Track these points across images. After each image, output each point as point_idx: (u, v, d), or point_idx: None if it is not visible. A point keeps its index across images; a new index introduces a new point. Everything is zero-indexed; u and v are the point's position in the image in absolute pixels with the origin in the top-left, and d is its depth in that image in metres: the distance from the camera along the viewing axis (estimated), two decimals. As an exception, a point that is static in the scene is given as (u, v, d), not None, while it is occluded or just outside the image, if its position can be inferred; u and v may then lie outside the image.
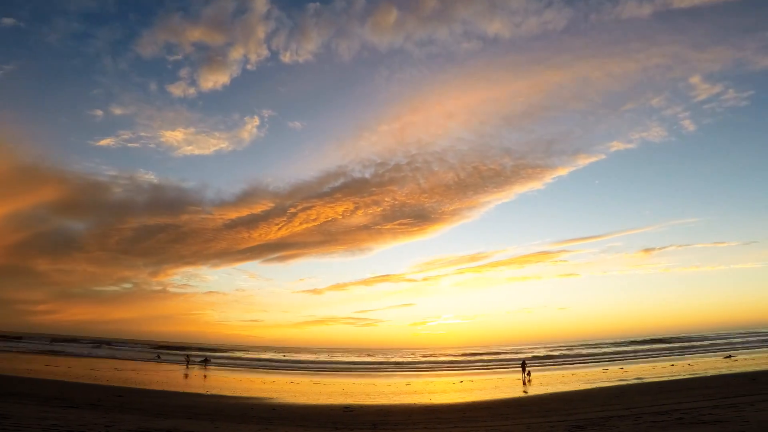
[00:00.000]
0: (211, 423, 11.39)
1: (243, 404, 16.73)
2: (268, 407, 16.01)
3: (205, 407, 15.04)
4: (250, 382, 28.46)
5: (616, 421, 9.54)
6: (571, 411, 11.96)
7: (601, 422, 9.57)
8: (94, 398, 15.11)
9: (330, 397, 20.08)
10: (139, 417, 11.64)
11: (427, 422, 11.76)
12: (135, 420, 10.91)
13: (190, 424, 10.90)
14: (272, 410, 15.13)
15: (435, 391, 22.34)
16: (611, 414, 10.66)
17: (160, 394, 19.10)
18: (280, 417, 13.41)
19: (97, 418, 10.67)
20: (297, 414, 14.21)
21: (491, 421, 11.43)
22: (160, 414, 12.58)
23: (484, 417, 12.28)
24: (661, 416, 9.51)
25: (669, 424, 8.53)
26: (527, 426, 10.03)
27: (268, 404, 17.07)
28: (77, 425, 8.93)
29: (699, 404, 10.79)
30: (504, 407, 14.44)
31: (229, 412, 13.97)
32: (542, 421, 10.62)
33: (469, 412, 13.77)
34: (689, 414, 9.37)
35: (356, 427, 11.38)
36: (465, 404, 16.17)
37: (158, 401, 16.29)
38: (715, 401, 11.08)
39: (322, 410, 15.30)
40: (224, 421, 11.82)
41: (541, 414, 12.06)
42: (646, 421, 9.17)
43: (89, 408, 12.76)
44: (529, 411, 13.03)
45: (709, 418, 8.64)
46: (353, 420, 12.72)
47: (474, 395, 19.67)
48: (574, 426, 9.28)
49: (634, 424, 9.01)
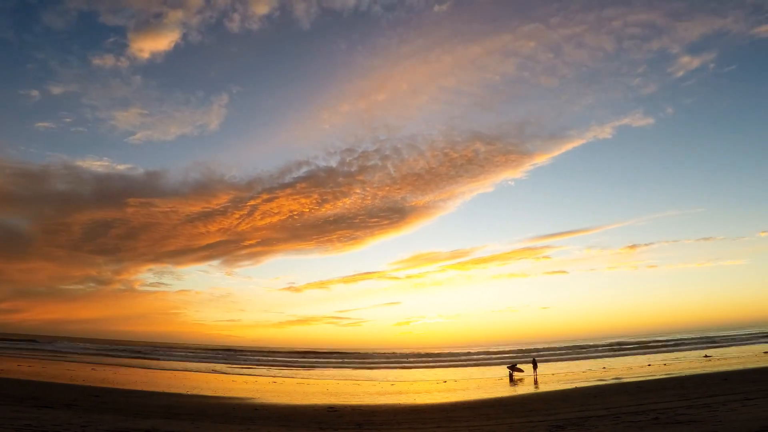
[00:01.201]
0: (192, 423, 11.22)
1: (225, 404, 16.51)
2: (251, 407, 15.84)
3: (186, 407, 14.80)
4: (232, 382, 28.11)
5: (595, 421, 9.74)
6: (552, 411, 12.17)
7: (581, 422, 9.76)
8: (69, 398, 14.72)
9: (314, 397, 19.98)
10: (117, 417, 11.40)
11: (411, 422, 11.81)
12: (112, 420, 10.68)
13: (170, 425, 10.71)
14: (255, 410, 14.97)
15: (420, 391, 22.45)
16: (590, 414, 10.89)
17: (139, 394, 18.71)
18: (263, 417, 13.28)
19: (72, 418, 10.41)
20: (280, 414, 14.10)
21: (474, 421, 11.54)
22: (138, 414, 12.34)
23: (468, 417, 12.40)
24: (638, 416, 9.75)
25: (646, 423, 8.75)
26: (509, 426, 10.16)
27: (250, 404, 16.89)
28: (52, 425, 8.69)
29: (675, 404, 11.09)
30: (487, 407, 14.61)
31: (210, 412, 13.77)
32: (524, 421, 10.78)
33: (453, 412, 13.88)
34: (665, 414, 9.63)
35: (341, 426, 11.35)
36: (449, 404, 16.30)
37: (137, 401, 15.96)
38: (690, 401, 11.42)
39: (306, 410, 15.22)
40: (205, 421, 11.65)
41: (523, 414, 12.24)
42: (624, 421, 9.39)
43: (64, 408, 12.44)
44: (511, 411, 13.21)
45: (684, 417, 8.89)
46: (337, 420, 12.69)
47: (458, 395, 19.83)
48: (554, 426, 9.44)
49: (613, 423, 9.21)
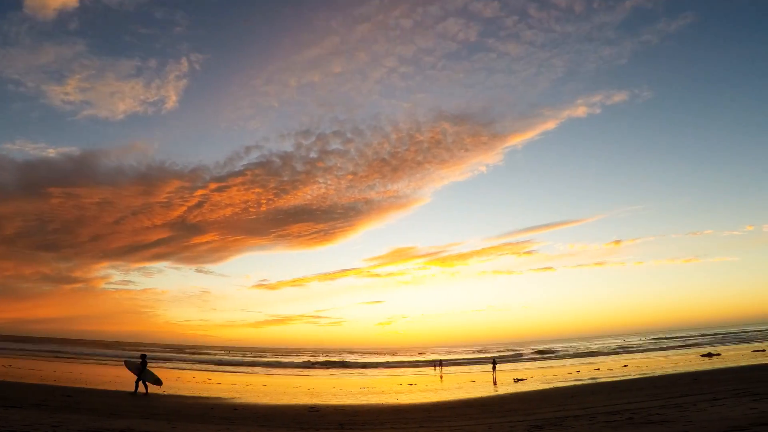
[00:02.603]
0: (169, 423, 11.00)
1: (203, 404, 16.23)
2: (230, 407, 15.62)
3: (162, 407, 14.50)
4: (209, 382, 27.65)
5: (572, 421, 9.96)
6: (531, 411, 12.39)
7: (558, 422, 9.97)
8: (39, 398, 14.25)
9: (294, 397, 19.84)
10: (90, 417, 11.11)
11: (394, 422, 11.85)
12: (85, 420, 10.39)
13: (146, 424, 10.49)
14: (234, 410, 14.77)
15: (401, 391, 22.53)
16: (567, 414, 11.13)
17: (113, 394, 18.25)
18: (242, 417, 13.11)
19: (43, 417, 10.08)
20: (260, 414, 13.94)
21: (455, 421, 11.66)
22: (113, 414, 12.04)
23: (449, 417, 12.52)
24: (613, 416, 10.02)
25: (621, 424, 9.00)
26: (489, 426, 10.31)
27: (229, 404, 16.65)
28: (21, 425, 8.40)
29: (648, 404, 11.44)
30: (467, 407, 14.77)
31: (187, 412, 13.52)
32: (503, 421, 10.94)
33: (434, 412, 13.99)
34: (639, 414, 9.92)
35: (322, 426, 11.30)
36: (430, 404, 16.42)
37: (111, 401, 15.57)
38: (662, 401, 11.79)
39: (286, 410, 15.09)
40: (183, 421, 11.43)
41: (502, 414, 12.43)
42: (600, 420, 9.63)
43: (34, 408, 12.04)
44: (490, 411, 13.40)
45: (656, 418, 9.18)
46: (319, 420, 12.63)
47: (439, 395, 20.00)
48: (533, 426, 9.61)
49: (589, 423, 9.44)
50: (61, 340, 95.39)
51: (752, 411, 8.74)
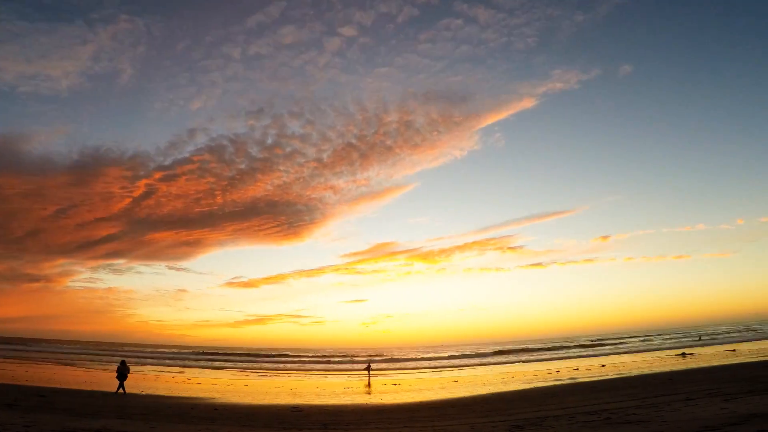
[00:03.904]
0: (147, 423, 10.79)
1: (182, 404, 15.96)
2: (210, 407, 15.40)
3: (140, 407, 14.21)
4: (189, 382, 27.17)
5: (551, 421, 10.16)
6: (512, 411, 12.57)
7: (539, 422, 10.15)
8: (10, 398, 13.81)
9: (277, 397, 19.67)
10: (64, 417, 10.82)
11: (378, 422, 11.87)
12: (59, 420, 10.12)
13: (123, 425, 10.27)
14: (214, 410, 14.57)
15: (385, 391, 22.57)
16: (547, 414, 11.33)
17: (88, 394, 17.82)
18: (223, 417, 12.95)
19: (14, 418, 9.77)
20: (241, 414, 13.78)
21: (438, 421, 11.75)
22: (88, 414, 11.76)
23: (432, 417, 12.61)
24: (591, 416, 10.25)
25: (599, 424, 9.22)
26: (471, 426, 10.42)
27: (209, 404, 16.41)
28: (-9, 428, 8.12)
29: (625, 404, 11.74)
30: (450, 407, 14.90)
31: (166, 412, 13.28)
32: (485, 421, 11.08)
33: (418, 412, 14.07)
34: (616, 414, 10.17)
35: (305, 426, 11.23)
36: (414, 404, 16.50)
37: (86, 401, 15.19)
38: (638, 401, 12.11)
39: (268, 410, 14.95)
40: (161, 422, 11.22)
41: (484, 414, 12.57)
42: (579, 420, 9.84)
43: (5, 408, 11.68)
44: (473, 411, 13.54)
45: (633, 417, 9.43)
46: (302, 420, 12.55)
47: (422, 395, 20.11)
48: (514, 426, 9.76)
49: (568, 423, 9.64)
50: (26, 340, 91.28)
51: (723, 411, 9.07)
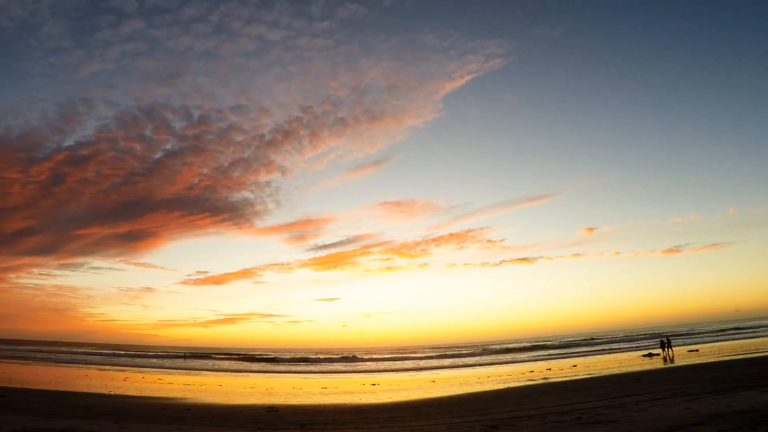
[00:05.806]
0: (116, 423, 10.51)
1: (153, 404, 15.58)
2: (182, 407, 15.09)
3: (108, 407, 13.81)
4: (160, 382, 26.51)
5: (525, 421, 10.43)
6: (487, 411, 12.83)
7: (513, 422, 10.41)
8: (-31, 399, 13.17)
9: (252, 397, 19.43)
10: (27, 417, 10.43)
11: (355, 422, 11.90)
12: (22, 420, 9.76)
13: (90, 425, 9.98)
14: (187, 410, 14.29)
15: (364, 391, 22.60)
16: (521, 414, 11.63)
17: (53, 394, 17.19)
18: (196, 417, 12.71)
19: (-26, 422, 9.33)
20: (215, 414, 13.57)
21: (416, 421, 11.88)
22: (53, 414, 11.36)
23: (409, 417, 12.73)
24: (563, 416, 10.58)
25: (570, 424, 9.53)
26: (448, 426, 10.59)
27: (182, 404, 16.08)
28: (-51, 432, 7.74)
29: (595, 404, 12.15)
30: (426, 407, 15.07)
31: (136, 412, 12.95)
32: (461, 421, 11.28)
33: (395, 412, 14.17)
34: (587, 414, 10.53)
35: (282, 427, 11.16)
36: (391, 404, 16.60)
37: (51, 401, 14.65)
38: (608, 401, 12.56)
39: (243, 410, 14.77)
40: (131, 421, 10.95)
41: (461, 414, 12.79)
42: (551, 420, 10.15)
43: (-36, 411, 11.13)
44: (449, 411, 13.75)
45: (603, 418, 9.79)
46: (278, 420, 12.46)
47: (400, 395, 20.25)
48: (489, 426, 9.99)
49: (541, 423, 9.92)
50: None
51: (687, 411, 9.52)
